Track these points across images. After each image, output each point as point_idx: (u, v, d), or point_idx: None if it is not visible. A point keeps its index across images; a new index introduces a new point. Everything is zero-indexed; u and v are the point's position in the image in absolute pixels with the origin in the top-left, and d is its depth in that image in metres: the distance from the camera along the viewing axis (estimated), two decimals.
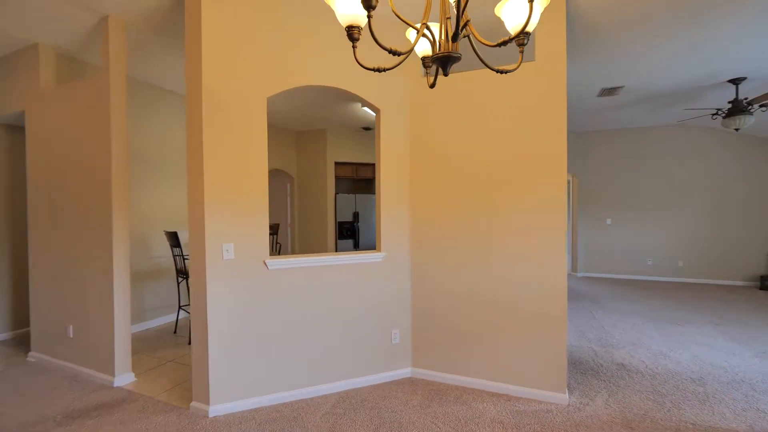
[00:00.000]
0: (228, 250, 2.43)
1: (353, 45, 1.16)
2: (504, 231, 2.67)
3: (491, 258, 2.71)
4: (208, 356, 2.39)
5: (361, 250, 2.87)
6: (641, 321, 4.27)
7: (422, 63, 1.38)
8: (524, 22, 0.99)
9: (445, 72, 1.18)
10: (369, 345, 2.83)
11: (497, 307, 2.69)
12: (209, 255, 2.39)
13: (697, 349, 3.42)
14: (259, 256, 2.52)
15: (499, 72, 1.22)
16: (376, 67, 1.20)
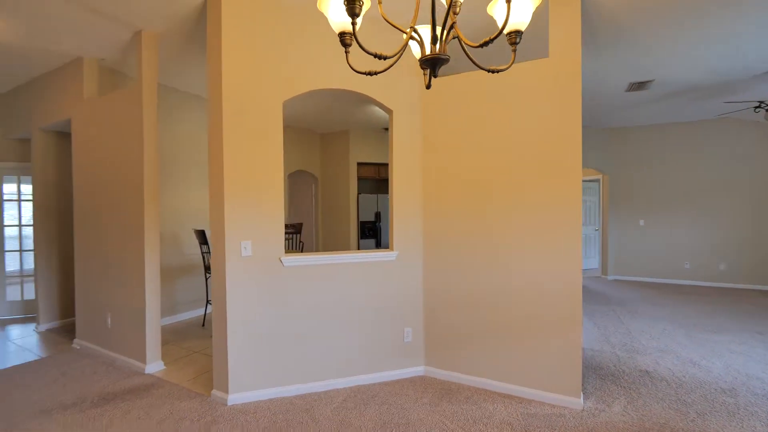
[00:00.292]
0: (246, 248, 2.56)
1: (346, 50, 1.22)
2: (518, 231, 2.63)
3: (504, 257, 2.68)
4: (227, 348, 2.53)
5: (380, 249, 2.93)
6: (672, 327, 4.05)
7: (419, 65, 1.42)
8: (504, 22, 1.01)
9: (434, 73, 1.21)
10: (381, 342, 2.88)
11: (510, 308, 2.66)
12: (228, 252, 2.53)
13: (732, 358, 3.20)
14: (275, 253, 2.63)
15: (490, 72, 1.23)
16: (368, 71, 1.24)
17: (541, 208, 2.56)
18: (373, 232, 7.04)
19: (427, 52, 1.22)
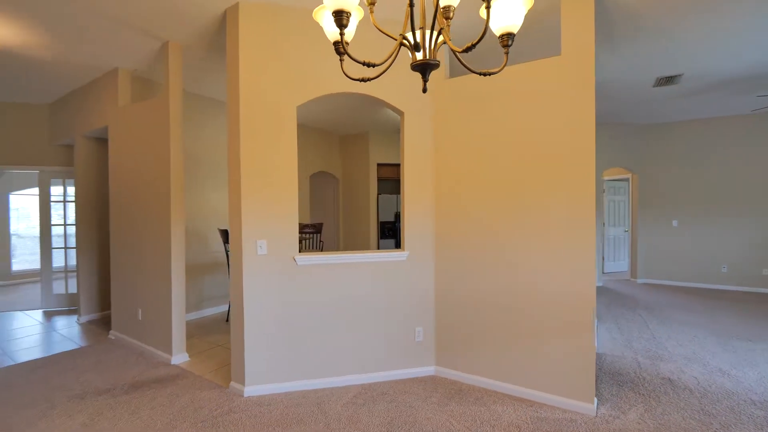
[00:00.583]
0: (261, 246, 2.67)
1: (340, 59, 1.27)
2: (530, 232, 2.60)
3: (516, 259, 2.65)
4: (243, 342, 2.65)
5: (394, 249, 2.97)
6: (703, 333, 3.84)
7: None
8: (485, 26, 1.03)
9: (424, 79, 1.24)
10: (392, 341, 2.92)
11: (521, 309, 2.63)
12: (245, 250, 2.65)
13: (767, 369, 3.01)
14: (289, 252, 2.73)
15: (482, 74, 1.25)
16: (361, 78, 1.29)
17: (553, 208, 2.51)
18: (393, 233, 7.08)
19: (419, 58, 1.25)
